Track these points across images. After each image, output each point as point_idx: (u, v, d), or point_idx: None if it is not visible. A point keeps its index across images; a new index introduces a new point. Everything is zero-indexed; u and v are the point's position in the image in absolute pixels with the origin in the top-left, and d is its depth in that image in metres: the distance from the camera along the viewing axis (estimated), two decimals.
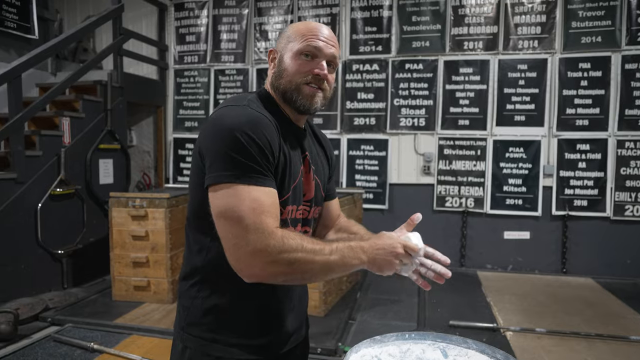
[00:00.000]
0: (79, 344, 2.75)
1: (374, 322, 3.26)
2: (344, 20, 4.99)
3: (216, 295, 1.05)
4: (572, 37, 4.44)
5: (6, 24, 4.23)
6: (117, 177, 4.61)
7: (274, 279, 0.95)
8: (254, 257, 0.91)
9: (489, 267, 4.68)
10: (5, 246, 3.41)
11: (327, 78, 1.07)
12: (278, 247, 0.91)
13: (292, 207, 1.08)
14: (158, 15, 5.45)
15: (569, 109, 4.48)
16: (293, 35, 1.07)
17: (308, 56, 1.06)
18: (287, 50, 1.07)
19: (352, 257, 0.97)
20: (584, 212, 4.47)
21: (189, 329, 1.06)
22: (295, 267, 0.92)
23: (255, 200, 0.92)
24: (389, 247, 0.99)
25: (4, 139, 3.57)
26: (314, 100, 1.07)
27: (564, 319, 3.27)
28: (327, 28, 1.10)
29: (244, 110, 0.99)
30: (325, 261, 0.94)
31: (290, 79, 1.06)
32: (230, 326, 1.05)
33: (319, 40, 1.05)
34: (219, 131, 0.96)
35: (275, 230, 0.92)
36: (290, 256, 0.91)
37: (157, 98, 5.41)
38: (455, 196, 4.74)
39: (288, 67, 1.06)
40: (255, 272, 0.93)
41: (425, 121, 4.80)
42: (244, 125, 0.95)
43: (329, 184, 1.30)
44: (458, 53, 4.69)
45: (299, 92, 1.06)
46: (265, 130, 0.97)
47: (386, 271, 1.01)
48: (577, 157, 4.47)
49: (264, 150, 0.96)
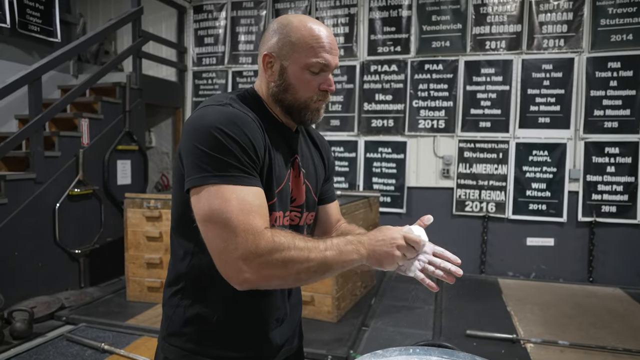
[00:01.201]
0: (90, 344, 2.75)
1: (388, 330, 3.17)
2: (362, 21, 4.92)
3: (199, 304, 1.00)
4: (600, 35, 4.24)
5: (30, 28, 4.34)
6: (134, 178, 4.66)
7: (268, 283, 0.89)
8: (244, 261, 0.84)
9: (510, 275, 4.52)
10: (24, 245, 3.47)
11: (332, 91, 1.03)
12: (269, 247, 0.84)
13: (279, 213, 1.02)
14: (177, 18, 5.50)
15: (597, 111, 4.28)
16: (298, 44, 0.98)
17: (315, 72, 1.00)
18: (291, 62, 0.99)
19: (350, 251, 0.91)
20: (612, 218, 4.27)
21: (170, 339, 1.02)
22: (290, 268, 0.86)
23: (241, 200, 0.86)
24: (388, 238, 0.93)
25: (25, 139, 3.64)
26: (320, 114, 1.05)
27: (590, 331, 3.10)
28: (328, 31, 1.02)
29: (224, 109, 0.94)
30: (321, 258, 0.88)
31: (299, 97, 1.01)
32: (213, 337, 1.00)
33: (327, 54, 0.99)
34: (197, 131, 0.90)
35: (264, 231, 0.86)
36: (282, 256, 0.85)
37: (176, 100, 5.45)
38: (476, 200, 4.60)
39: (295, 83, 1.00)
40: (247, 277, 0.85)
41: (444, 123, 4.68)
42: (224, 123, 0.89)
43: (326, 186, 1.24)
44: (479, 53, 4.56)
45: (307, 108, 1.02)
46: (246, 129, 0.91)
47: (387, 265, 0.94)
48: (606, 160, 4.27)
49: (246, 149, 0.90)
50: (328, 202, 1.25)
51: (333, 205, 1.27)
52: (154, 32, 5.19)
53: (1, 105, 3.77)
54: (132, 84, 4.54)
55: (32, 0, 4.33)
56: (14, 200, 3.39)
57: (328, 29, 1.04)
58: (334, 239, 0.92)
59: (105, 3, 5.81)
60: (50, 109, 3.71)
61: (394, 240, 0.93)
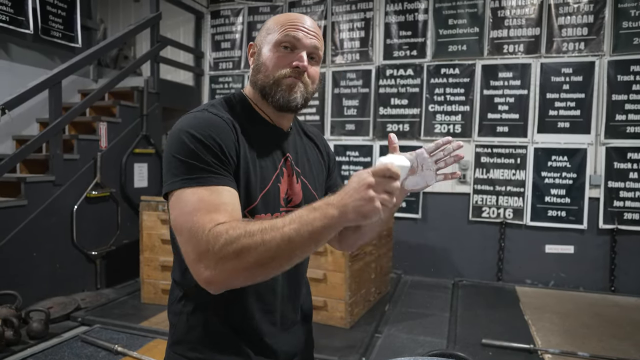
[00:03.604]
0: (104, 346, 2.78)
1: (402, 337, 3.12)
2: (377, 25, 4.90)
3: (200, 311, 0.98)
4: (622, 38, 4.14)
5: (52, 34, 4.44)
6: (151, 181, 4.71)
7: (233, 280, 0.81)
8: (200, 262, 0.80)
9: (528, 283, 4.42)
10: (42, 246, 3.53)
11: (307, 70, 0.99)
12: (220, 242, 0.78)
13: (266, 215, 0.99)
14: (195, 23, 5.57)
15: (619, 115, 4.17)
16: (272, 27, 1.01)
17: (287, 48, 0.99)
18: (265, 43, 1.01)
19: (315, 218, 0.76)
20: (635, 226, 4.14)
21: (174, 347, 1.00)
22: (245, 256, 0.77)
23: (199, 201, 0.84)
24: (357, 183, 0.77)
25: (45, 142, 3.72)
26: (293, 91, 0.98)
27: (611, 342, 3.00)
28: (309, 19, 1.02)
29: (197, 114, 0.95)
30: (279, 236, 0.76)
31: (269, 73, 0.99)
32: (215, 345, 0.98)
33: (298, 30, 0.98)
34: (170, 137, 0.93)
35: (217, 226, 0.80)
36: (234, 247, 0.77)
37: (193, 104, 5.49)
38: (493, 206, 4.52)
39: (266, 61, 1.00)
40: (208, 277, 0.80)
41: (461, 128, 4.62)
42: (193, 126, 0.90)
43: (331, 180, 1.22)
44: (497, 57, 4.49)
45: (278, 85, 0.98)
46: (213, 130, 0.91)
47: (371, 214, 0.75)
48: (628, 166, 4.15)
49: (211, 149, 0.89)
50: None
51: None
52: (172, 37, 5.26)
53: (23, 108, 3.85)
54: (149, 88, 4.61)
55: (54, 7, 4.43)
56: (33, 201, 3.46)
57: (309, 18, 1.03)
58: (298, 211, 0.80)
59: (126, 9, 5.92)
60: (70, 113, 3.79)
61: (363, 181, 0.76)
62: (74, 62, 3.80)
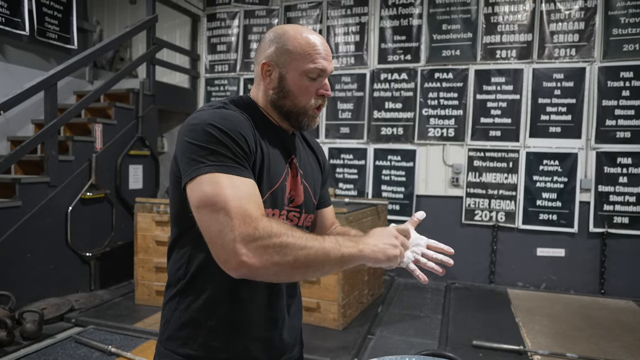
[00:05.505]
0: (98, 347, 2.79)
1: (394, 338, 3.16)
2: (372, 29, 4.95)
3: (194, 308, 1.01)
4: (613, 44, 4.21)
5: (48, 35, 4.45)
6: (146, 182, 4.73)
7: (266, 270, 0.83)
8: (241, 244, 0.81)
9: (520, 285, 4.46)
10: (37, 247, 3.54)
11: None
12: (267, 231, 0.82)
13: (274, 211, 1.03)
14: (191, 26, 5.59)
15: (609, 120, 4.24)
16: (295, 52, 1.02)
17: (313, 78, 1.03)
18: (290, 69, 1.03)
19: (348, 245, 0.89)
20: (625, 229, 4.20)
21: (166, 343, 1.03)
22: (287, 253, 0.83)
23: (236, 187, 0.86)
24: (386, 231, 0.97)
25: (40, 143, 3.73)
26: (316, 120, 1.10)
27: (600, 344, 3.05)
28: (322, 39, 1.06)
29: (217, 110, 0.97)
30: (320, 247, 0.85)
31: (297, 102, 1.05)
32: (206, 342, 1.00)
33: (323, 60, 1.03)
34: (192, 130, 0.93)
35: (261, 216, 0.85)
36: (280, 240, 0.83)
37: (188, 106, 5.52)
38: (485, 210, 4.57)
39: (294, 90, 1.04)
40: (245, 261, 0.82)
41: (454, 132, 4.67)
42: (217, 120, 0.92)
43: (322, 191, 1.26)
44: (490, 62, 4.55)
45: (306, 114, 1.07)
46: (237, 124, 0.94)
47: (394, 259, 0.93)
48: (618, 171, 4.22)
49: (238, 142, 0.92)
50: (324, 207, 1.27)
51: (329, 209, 1.29)
52: (168, 39, 5.28)
53: (18, 110, 3.87)
54: (145, 90, 4.62)
55: (50, 9, 4.45)
56: (28, 202, 3.47)
57: (322, 37, 1.07)
58: (331, 235, 0.92)
59: (122, 11, 5.94)
60: (65, 114, 3.80)
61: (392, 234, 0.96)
62: (69, 64, 3.81)
